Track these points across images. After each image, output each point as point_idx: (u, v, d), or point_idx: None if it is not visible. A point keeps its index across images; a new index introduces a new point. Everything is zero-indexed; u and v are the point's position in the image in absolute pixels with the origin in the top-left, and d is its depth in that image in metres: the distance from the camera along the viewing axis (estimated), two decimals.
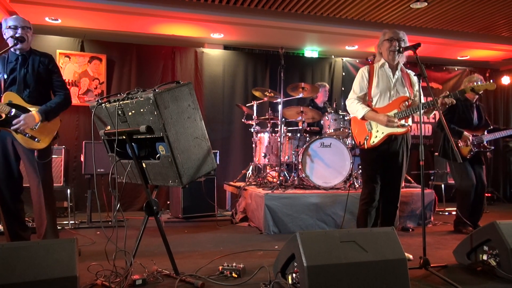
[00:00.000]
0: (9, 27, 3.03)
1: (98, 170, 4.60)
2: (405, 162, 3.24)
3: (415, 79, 3.17)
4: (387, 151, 3.17)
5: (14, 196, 3.05)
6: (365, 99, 3.23)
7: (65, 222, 4.64)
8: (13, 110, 2.94)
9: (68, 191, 4.82)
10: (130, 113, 2.47)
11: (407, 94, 3.18)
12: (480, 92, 3.14)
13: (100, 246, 3.49)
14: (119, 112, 2.51)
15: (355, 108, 3.20)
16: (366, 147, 3.16)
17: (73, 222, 4.67)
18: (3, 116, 2.93)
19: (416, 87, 3.16)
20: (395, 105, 3.14)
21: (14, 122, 2.91)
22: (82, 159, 4.72)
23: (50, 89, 3.21)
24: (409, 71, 3.31)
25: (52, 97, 3.22)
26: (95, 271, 2.59)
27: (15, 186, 3.06)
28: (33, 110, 3.00)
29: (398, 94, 3.16)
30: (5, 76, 3.02)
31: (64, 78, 3.32)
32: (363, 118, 3.18)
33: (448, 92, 3.07)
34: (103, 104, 2.59)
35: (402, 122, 3.12)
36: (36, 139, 3.00)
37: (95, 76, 5.97)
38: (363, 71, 3.25)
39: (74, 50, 5.88)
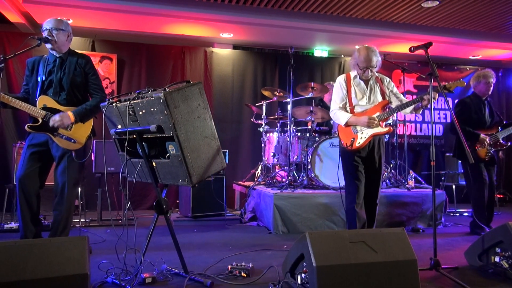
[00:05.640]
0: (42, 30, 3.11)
1: (109, 169, 4.63)
2: (383, 161, 3.51)
3: (386, 82, 3.51)
4: (368, 152, 3.40)
5: (34, 191, 3.06)
6: (346, 107, 3.47)
7: (75, 220, 4.68)
8: (49, 114, 3.01)
9: (79, 189, 4.86)
10: (140, 113, 2.49)
11: (382, 99, 3.43)
12: (451, 89, 3.15)
13: (110, 244, 3.52)
14: (130, 112, 2.52)
15: (338, 117, 3.46)
16: (352, 148, 3.36)
17: (83, 220, 4.72)
18: (40, 120, 3.00)
19: (389, 90, 3.48)
20: (377, 108, 3.38)
21: (50, 120, 2.98)
22: (92, 157, 4.77)
23: (87, 92, 3.25)
24: (380, 76, 3.53)
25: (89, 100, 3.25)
26: (105, 269, 2.61)
27: (37, 184, 3.08)
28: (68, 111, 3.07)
29: (376, 100, 3.42)
30: (43, 78, 3.08)
31: (101, 80, 3.34)
32: (346, 124, 3.41)
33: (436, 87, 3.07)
34: (114, 104, 2.61)
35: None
36: (73, 140, 3.08)
37: (106, 76, 6.02)
38: (340, 81, 3.48)
39: (85, 50, 5.93)
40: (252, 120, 5.69)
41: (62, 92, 3.10)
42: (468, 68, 7.64)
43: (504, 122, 4.36)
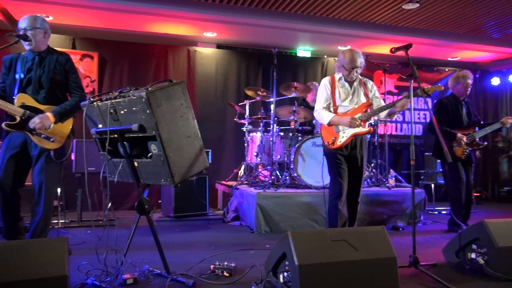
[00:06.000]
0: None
1: (89, 169, 4.55)
2: (365, 160, 3.57)
3: (370, 85, 3.61)
4: (350, 151, 3.48)
5: (14, 191, 3.01)
6: (330, 107, 3.55)
7: (54, 221, 4.59)
8: (27, 112, 2.95)
9: (58, 189, 4.77)
10: (122, 112, 2.46)
11: (365, 101, 3.53)
12: (430, 93, 3.26)
13: (90, 245, 3.47)
14: (111, 111, 2.50)
15: (322, 116, 3.53)
16: (333, 147, 3.45)
17: (63, 221, 4.63)
18: (18, 118, 2.94)
19: (372, 93, 3.59)
20: (359, 110, 3.48)
21: (30, 123, 2.93)
22: (72, 157, 4.68)
23: (67, 90, 3.19)
24: (365, 79, 3.63)
25: (68, 98, 3.19)
26: (85, 270, 2.57)
27: (17, 184, 3.03)
28: (47, 111, 3.00)
29: (359, 101, 3.51)
30: (22, 76, 3.01)
31: (80, 79, 3.29)
32: (329, 123, 3.49)
33: (406, 93, 3.18)
34: (94, 103, 2.58)
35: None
36: (52, 139, 3.02)
37: (87, 74, 5.93)
38: (325, 82, 3.57)
39: (65, 48, 5.80)
40: (235, 119, 5.68)
41: (42, 90, 3.05)
42: (447, 70, 7.81)
43: (482, 122, 4.48)
